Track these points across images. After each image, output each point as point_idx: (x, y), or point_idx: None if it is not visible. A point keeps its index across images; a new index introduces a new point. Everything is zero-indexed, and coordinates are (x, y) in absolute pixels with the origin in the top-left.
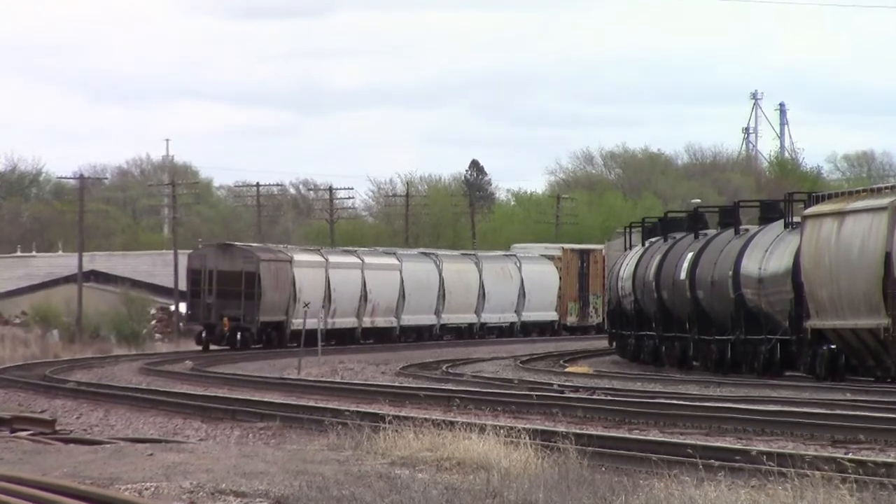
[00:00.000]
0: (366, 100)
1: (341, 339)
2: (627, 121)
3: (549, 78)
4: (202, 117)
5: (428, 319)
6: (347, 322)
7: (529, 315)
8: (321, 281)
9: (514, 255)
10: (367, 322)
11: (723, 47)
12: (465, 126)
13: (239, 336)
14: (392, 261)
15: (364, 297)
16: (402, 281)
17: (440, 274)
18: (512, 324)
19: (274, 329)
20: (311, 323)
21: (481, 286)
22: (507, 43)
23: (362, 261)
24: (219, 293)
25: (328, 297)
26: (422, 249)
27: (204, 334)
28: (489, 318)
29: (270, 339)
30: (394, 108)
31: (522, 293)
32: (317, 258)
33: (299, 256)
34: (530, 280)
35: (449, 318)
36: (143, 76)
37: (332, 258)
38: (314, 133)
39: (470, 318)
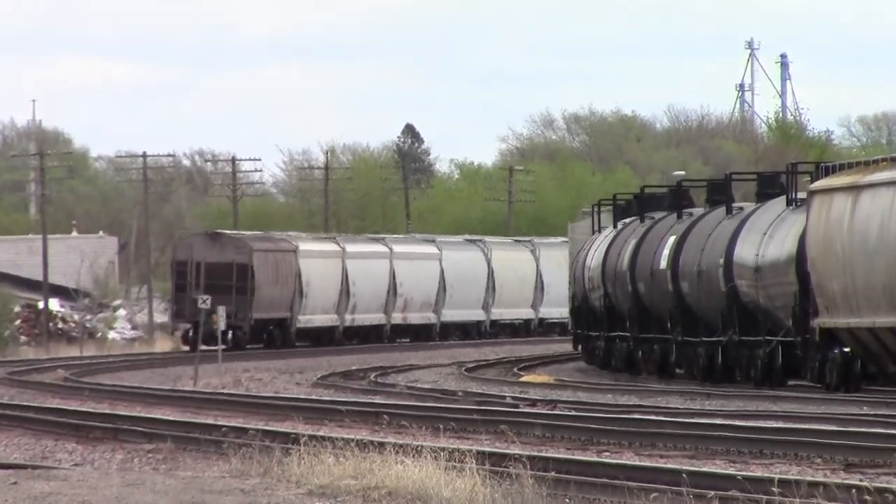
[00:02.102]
0: (276, 51)
1: (365, 338)
2: (595, 76)
3: (500, 24)
4: (75, 73)
5: (475, 315)
6: (372, 318)
7: None
8: (336, 273)
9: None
10: (397, 318)
11: None
12: (396, 83)
13: (230, 335)
14: (430, 249)
15: (393, 290)
16: (442, 272)
17: (489, 263)
18: None
19: (276, 327)
20: (324, 320)
21: (539, 277)
22: None
23: (391, 249)
24: (207, 287)
25: (345, 290)
26: (467, 236)
27: (191, 333)
28: (549, 312)
29: (272, 339)
30: (310, 61)
31: None
32: (330, 247)
33: (307, 245)
34: None
35: (501, 313)
36: (1, 24)
37: (352, 247)
38: (213, 92)
39: (526, 312)
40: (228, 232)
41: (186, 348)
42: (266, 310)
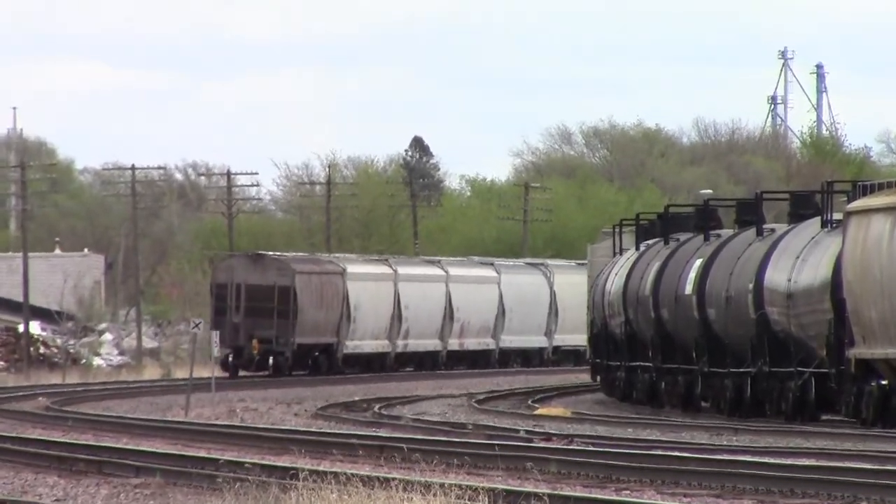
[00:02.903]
0: (275, 58)
1: (420, 364)
2: (617, 87)
3: (514, 31)
4: (61, 79)
5: (537, 341)
6: (426, 344)
7: None
8: (387, 296)
9: None
10: (453, 344)
11: None
12: (405, 93)
13: (271, 360)
14: (488, 272)
15: (449, 314)
16: (500, 296)
17: (551, 287)
18: None
19: (322, 352)
20: (374, 345)
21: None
22: None
23: (447, 272)
24: (248, 311)
25: (397, 315)
26: (528, 259)
27: (231, 358)
28: None
29: (318, 365)
30: (312, 67)
31: None
32: (381, 269)
33: (355, 268)
34: None
35: (564, 339)
36: None
37: (404, 269)
38: (207, 101)
39: (581, 339)
40: (270, 253)
41: (226, 374)
42: (310, 334)
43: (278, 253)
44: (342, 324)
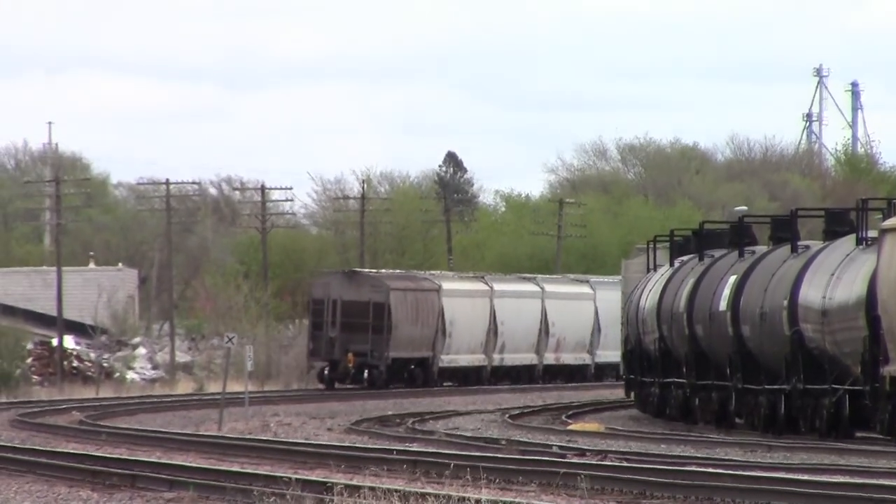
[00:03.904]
0: (310, 74)
1: (517, 378)
2: (652, 104)
3: (549, 46)
4: (96, 94)
5: None
6: (522, 358)
7: None
8: (483, 312)
9: None
10: (549, 359)
11: (779, 10)
12: (439, 109)
13: (366, 374)
14: (584, 289)
15: (545, 330)
16: (596, 312)
17: None
18: None
19: (417, 366)
20: (470, 359)
21: None
22: (497, 1)
23: (542, 289)
24: (343, 326)
25: (493, 330)
26: (617, 277)
27: (327, 371)
28: None
29: (413, 378)
30: (346, 84)
31: None
32: (477, 286)
33: (450, 285)
34: None
35: None
36: (18, 41)
37: (500, 286)
38: (242, 116)
39: None
40: (365, 271)
41: (321, 387)
42: (405, 349)
43: (374, 270)
44: (437, 338)
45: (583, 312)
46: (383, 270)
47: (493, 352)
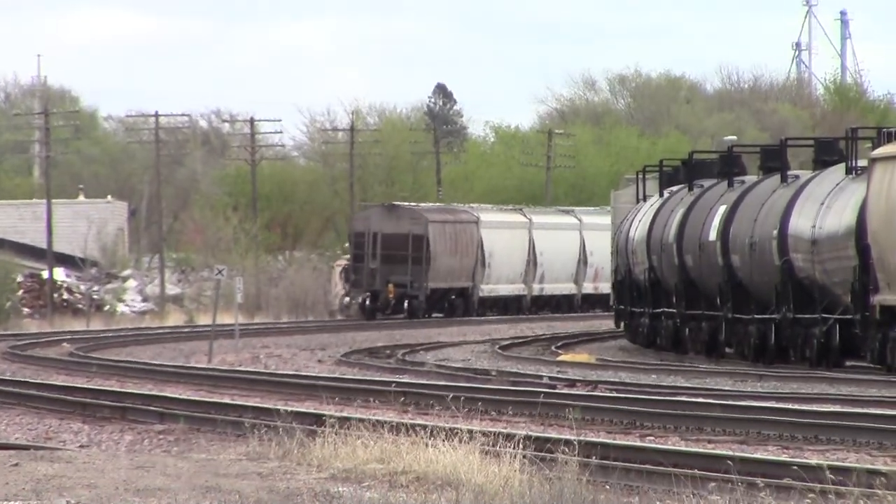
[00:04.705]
0: (300, 5)
1: (557, 307)
2: (641, 34)
3: None
4: (85, 27)
5: None
6: (561, 288)
7: None
8: (522, 243)
9: None
10: (588, 288)
11: None
12: (427, 39)
13: (406, 304)
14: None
15: (584, 260)
16: None
17: None
18: None
19: (458, 296)
20: (510, 289)
21: None
22: None
23: (580, 221)
24: (383, 258)
25: (532, 261)
26: None
27: (368, 302)
28: None
29: (454, 308)
30: (335, 15)
31: None
32: (516, 218)
33: (489, 216)
34: None
35: None
36: None
37: (538, 218)
38: (230, 48)
39: None
40: (405, 204)
41: (363, 317)
42: (444, 279)
43: (413, 203)
44: (477, 269)
45: None
46: (422, 203)
47: (532, 282)
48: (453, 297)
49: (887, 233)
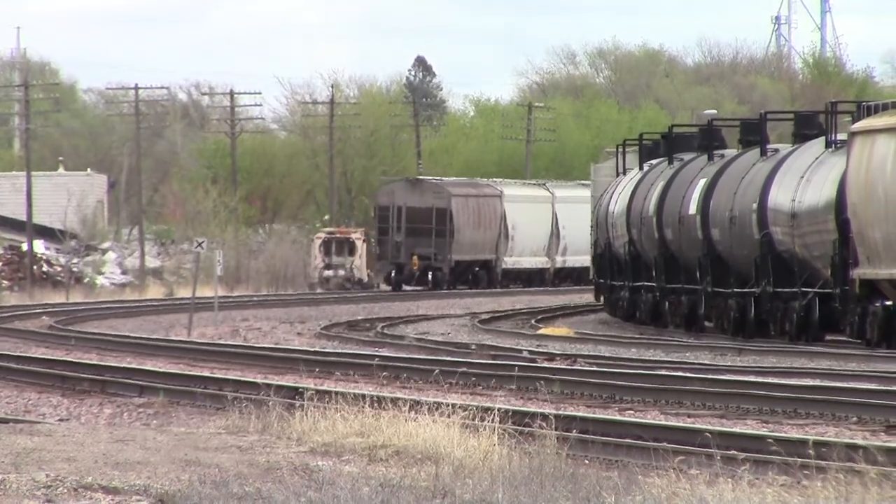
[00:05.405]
0: None
1: (578, 279)
2: (620, 7)
3: None
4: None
5: None
6: (584, 260)
7: None
8: (545, 217)
9: None
10: None
11: None
12: (407, 11)
13: (430, 276)
14: None
15: None
16: None
17: None
18: None
19: (482, 268)
20: (532, 262)
21: None
22: None
23: None
24: (408, 231)
25: (556, 234)
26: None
27: (393, 274)
28: None
29: (477, 279)
30: None
31: None
32: (539, 192)
33: (512, 190)
34: None
35: None
36: None
37: (561, 192)
38: (210, 21)
39: None
40: (429, 178)
41: (388, 288)
42: (467, 252)
43: (437, 178)
44: (500, 242)
45: None
46: (445, 178)
47: (555, 254)
48: (477, 269)
49: (867, 206)
